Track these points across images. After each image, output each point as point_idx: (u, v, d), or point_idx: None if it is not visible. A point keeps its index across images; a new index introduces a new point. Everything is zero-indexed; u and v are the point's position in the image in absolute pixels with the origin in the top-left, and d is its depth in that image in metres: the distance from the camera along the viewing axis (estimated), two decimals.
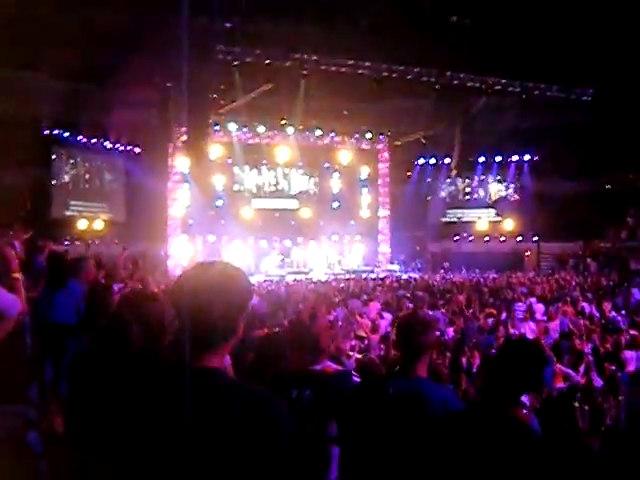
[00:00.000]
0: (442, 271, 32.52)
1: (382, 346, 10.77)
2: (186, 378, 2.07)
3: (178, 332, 2.22)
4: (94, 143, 29.34)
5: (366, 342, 10.81)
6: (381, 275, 29.32)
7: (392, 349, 5.77)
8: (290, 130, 31.88)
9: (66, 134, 28.01)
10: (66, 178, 29.04)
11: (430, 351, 3.93)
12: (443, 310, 15.04)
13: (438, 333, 12.07)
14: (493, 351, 9.50)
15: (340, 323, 11.78)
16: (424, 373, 3.82)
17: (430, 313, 14.13)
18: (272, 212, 34.30)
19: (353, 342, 10.37)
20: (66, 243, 25.49)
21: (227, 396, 2.10)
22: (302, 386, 3.88)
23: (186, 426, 2.02)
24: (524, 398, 7.10)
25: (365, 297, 17.14)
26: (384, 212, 35.76)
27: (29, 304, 6.37)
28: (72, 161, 29.30)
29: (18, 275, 4.60)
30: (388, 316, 13.99)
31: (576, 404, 6.47)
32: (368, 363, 6.51)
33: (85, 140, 28.93)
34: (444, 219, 37.28)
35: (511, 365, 3.19)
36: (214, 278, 2.20)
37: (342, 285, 22.72)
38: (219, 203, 32.60)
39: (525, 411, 3.74)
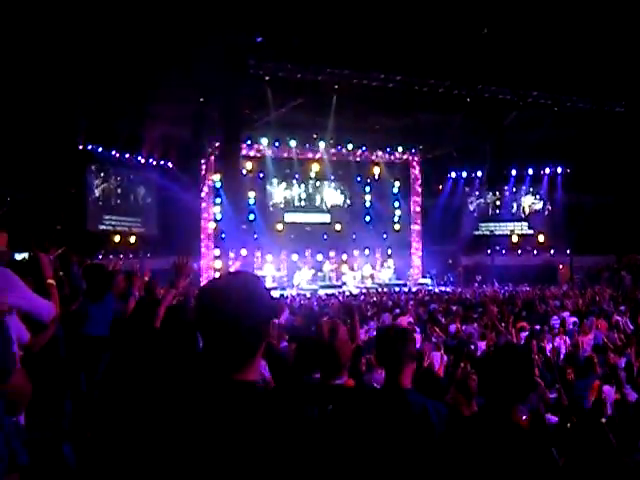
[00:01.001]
0: (474, 285, 32.36)
1: None
2: (224, 392, 2.12)
3: (207, 347, 2.22)
4: (128, 158, 29.59)
5: None
6: (413, 289, 29.22)
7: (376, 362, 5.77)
8: (322, 144, 32.00)
9: (100, 149, 28.26)
10: (100, 193, 29.27)
11: (413, 361, 3.92)
12: (475, 325, 14.98)
13: (472, 347, 12.04)
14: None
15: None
16: (409, 384, 3.82)
17: (464, 328, 14.15)
18: (304, 226, 34.36)
19: None
20: (100, 257, 25.66)
21: (263, 411, 2.10)
22: (324, 402, 3.89)
23: (224, 440, 2.04)
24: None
25: (397, 311, 17.10)
26: (416, 226, 35.73)
27: (67, 315, 6.45)
28: (106, 176, 29.54)
29: (52, 281, 4.66)
30: (418, 330, 13.95)
31: (603, 420, 6.43)
32: None
33: (119, 155, 29.17)
34: (476, 232, 37.15)
35: (500, 371, 3.20)
36: (237, 288, 2.19)
37: (374, 299, 22.68)
38: (251, 217, 32.70)
39: (525, 417, 3.74)
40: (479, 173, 36.04)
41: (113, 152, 28.85)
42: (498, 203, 37.33)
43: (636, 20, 23.20)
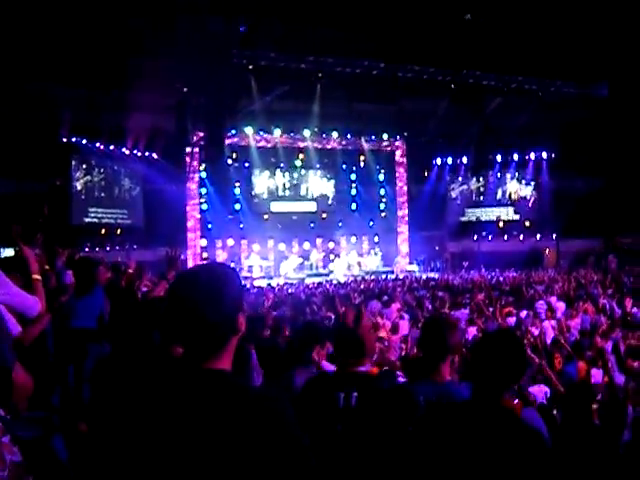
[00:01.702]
0: (462, 270, 32.44)
1: (402, 346, 10.77)
2: (196, 381, 2.14)
3: (178, 336, 2.23)
4: (112, 149, 29.42)
5: (386, 343, 10.79)
6: (400, 276, 29.24)
7: (417, 349, 5.77)
8: (307, 132, 31.94)
9: (84, 141, 28.10)
10: (85, 185, 29.12)
11: (455, 352, 3.93)
12: (463, 310, 15.00)
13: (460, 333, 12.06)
14: None
15: None
16: (448, 375, 3.83)
17: (452, 313, 14.15)
18: (290, 215, 34.33)
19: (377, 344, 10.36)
20: (86, 250, 25.57)
21: (232, 398, 2.11)
22: (349, 388, 3.90)
23: (193, 429, 2.06)
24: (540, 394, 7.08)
25: (385, 298, 17.10)
26: (402, 213, 35.72)
27: (56, 309, 6.42)
28: (90, 168, 29.38)
29: (38, 276, 4.64)
30: (407, 316, 13.97)
31: (594, 406, 6.44)
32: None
33: (103, 147, 29.01)
34: (463, 218, 37.20)
35: (491, 356, 3.19)
36: (204, 279, 2.21)
37: (362, 286, 22.69)
38: (237, 207, 32.66)
39: (516, 401, 3.73)
40: (464, 159, 36.06)
41: (97, 144, 28.69)
42: (484, 189, 37.37)
43: (619, 3, 23.26)
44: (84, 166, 29.04)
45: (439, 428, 3.24)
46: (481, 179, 37.30)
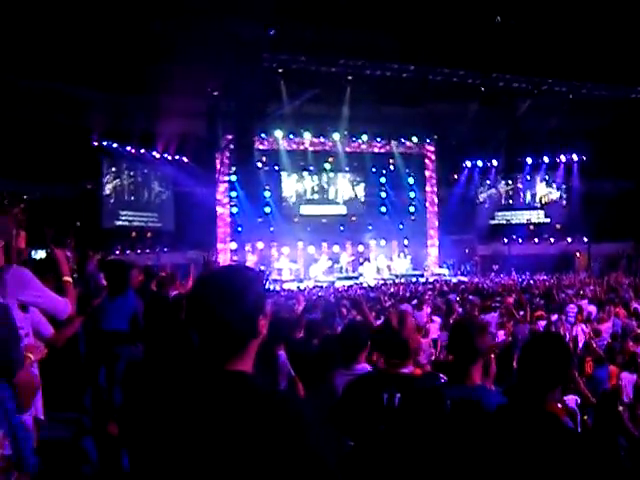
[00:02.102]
0: (492, 274, 32.29)
1: (432, 350, 10.76)
2: (215, 382, 2.16)
3: (199, 339, 2.25)
4: (142, 153, 29.58)
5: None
6: (430, 279, 29.18)
7: (447, 353, 5.77)
8: (336, 136, 31.98)
9: (115, 145, 28.28)
10: (115, 188, 29.30)
11: (485, 356, 3.92)
12: (493, 314, 14.94)
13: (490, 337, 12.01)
14: None
15: None
16: (479, 378, 3.82)
17: (482, 317, 14.10)
18: (320, 218, 34.35)
19: None
20: (117, 253, 25.74)
21: (251, 400, 2.11)
22: (393, 389, 3.91)
23: (211, 430, 2.07)
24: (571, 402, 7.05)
25: (415, 301, 17.08)
26: (432, 216, 35.65)
27: (89, 311, 6.49)
28: (121, 171, 29.57)
29: (69, 278, 4.68)
30: (438, 320, 13.95)
31: (621, 407, 6.41)
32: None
33: (134, 150, 29.17)
34: (493, 221, 37.03)
35: (538, 359, 3.18)
36: (225, 281, 2.23)
37: (392, 290, 22.66)
38: (267, 210, 32.73)
39: (560, 405, 3.71)
40: (494, 162, 35.89)
41: (128, 147, 28.86)
42: (514, 192, 37.20)
43: None
44: (114, 169, 29.21)
45: (481, 432, 3.25)
46: (511, 182, 37.13)
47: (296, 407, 2.18)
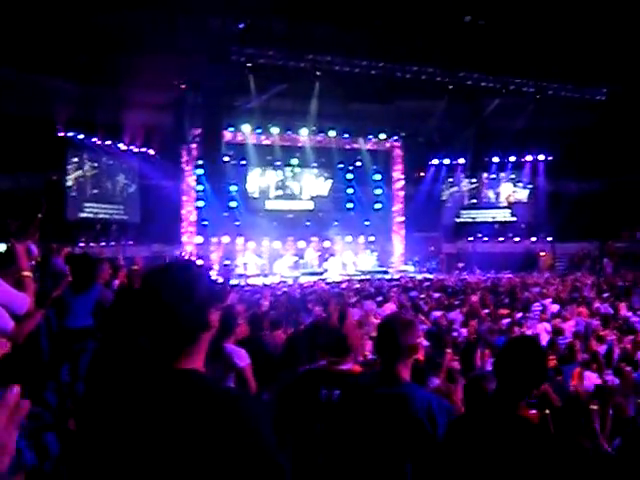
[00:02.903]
0: (457, 272, 32.45)
1: None
2: (164, 381, 2.14)
3: (150, 334, 2.22)
4: (109, 145, 29.33)
5: None
6: (395, 276, 29.24)
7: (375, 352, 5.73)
8: (304, 131, 31.94)
9: (81, 136, 27.99)
10: (78, 180, 29.00)
11: (413, 354, 3.85)
12: (458, 311, 15.01)
13: (454, 335, 12.06)
14: None
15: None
16: (407, 376, 3.77)
17: (447, 314, 14.17)
18: (286, 213, 34.34)
19: (369, 343, 10.35)
20: (81, 245, 25.51)
21: (200, 399, 2.10)
22: (331, 386, 3.89)
23: (160, 430, 2.05)
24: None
25: (380, 298, 17.11)
26: (398, 213, 35.70)
27: (49, 306, 6.39)
28: (87, 163, 29.26)
29: (28, 273, 4.60)
30: None
31: (594, 407, 6.44)
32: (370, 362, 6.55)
33: (100, 142, 28.91)
34: (458, 219, 37.21)
35: (513, 364, 3.17)
36: (174, 274, 2.22)
37: (357, 286, 22.68)
38: (233, 204, 32.63)
39: (534, 411, 3.71)
40: (461, 160, 36.04)
41: (93, 139, 28.60)
42: (480, 190, 37.39)
43: (617, 6, 23.27)
44: (78, 160, 28.90)
45: (452, 435, 3.24)
46: (478, 180, 37.31)
47: (247, 406, 2.16)
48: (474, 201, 37.39)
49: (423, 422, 3.50)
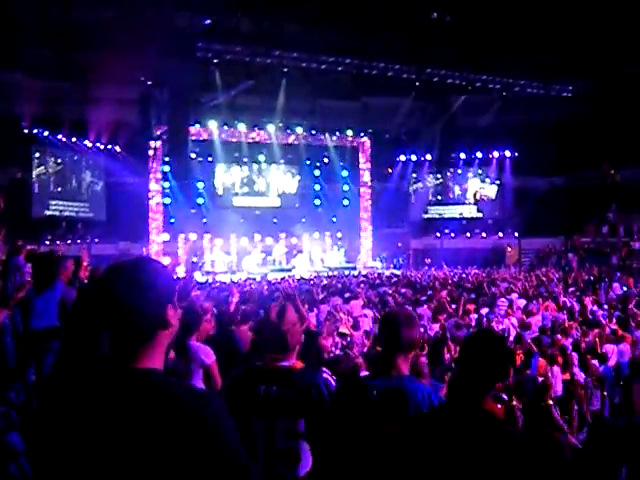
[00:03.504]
0: (424, 267, 32.58)
1: (365, 342, 10.79)
2: (120, 382, 2.10)
3: (108, 332, 2.19)
4: (74, 142, 29.09)
5: (349, 339, 10.80)
6: (363, 272, 29.28)
7: (376, 345, 5.76)
8: (271, 128, 31.86)
9: (45, 133, 27.74)
10: (46, 177, 28.73)
11: (414, 348, 3.90)
12: (426, 306, 15.05)
13: (422, 330, 12.10)
14: None
15: (323, 320, 11.77)
16: (406, 370, 3.80)
17: (417, 310, 14.19)
18: (253, 210, 34.28)
19: (336, 339, 10.36)
20: (47, 243, 25.30)
21: (163, 399, 2.06)
22: (270, 382, 3.89)
23: (117, 434, 2.01)
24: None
25: (348, 294, 17.11)
26: (365, 209, 35.75)
27: (15, 306, 6.32)
28: (52, 160, 28.99)
29: None
30: (370, 313, 13.99)
31: (550, 402, 6.50)
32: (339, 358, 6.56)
33: (65, 139, 28.67)
34: (426, 215, 37.37)
35: (477, 357, 3.16)
36: (130, 270, 2.19)
37: (325, 282, 22.68)
38: (200, 201, 32.53)
39: (500, 406, 3.71)
40: (428, 156, 36.17)
41: (59, 136, 28.35)
42: (447, 186, 37.54)
43: (583, 3, 23.45)
44: (45, 158, 28.64)
45: (417, 429, 3.24)
46: (444, 176, 37.46)
47: (209, 406, 2.12)
48: (441, 197, 37.55)
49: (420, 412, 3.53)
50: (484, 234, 35.77)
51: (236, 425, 2.20)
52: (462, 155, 36.25)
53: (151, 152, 29.97)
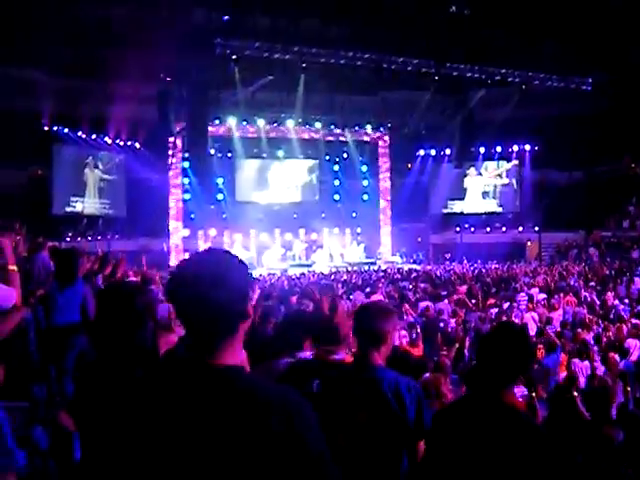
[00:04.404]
0: (444, 262, 32.49)
1: None
2: (202, 378, 2.01)
3: (185, 327, 2.11)
4: (94, 139, 29.23)
5: None
6: (383, 267, 29.24)
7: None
8: (290, 123, 31.85)
9: (66, 130, 27.88)
10: (67, 174, 28.85)
11: (386, 340, 3.84)
12: (446, 301, 15.03)
13: (442, 325, 12.08)
14: None
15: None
16: (381, 361, 3.76)
17: (435, 305, 14.16)
18: (273, 205, 34.29)
19: None
20: (68, 240, 25.43)
21: (249, 397, 1.98)
22: (325, 375, 3.87)
23: (197, 437, 1.94)
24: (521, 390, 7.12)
25: (368, 289, 17.11)
26: (385, 204, 35.72)
27: (38, 302, 6.35)
28: (72, 157, 29.13)
29: (14, 267, 4.54)
30: None
31: (575, 393, 6.47)
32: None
33: (85, 136, 28.80)
34: (445, 210, 37.21)
35: (498, 349, 3.14)
36: (211, 265, 2.09)
37: (345, 277, 22.68)
38: (220, 197, 32.58)
39: (520, 398, 3.70)
40: (447, 151, 36.03)
41: (79, 133, 28.48)
42: (466, 181, 37.37)
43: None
44: (66, 155, 28.75)
45: (438, 422, 3.24)
46: (464, 171, 37.28)
47: (299, 409, 2.04)
48: (460, 192, 37.37)
49: (389, 401, 3.54)
50: (504, 228, 35.61)
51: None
52: (481, 149, 36.07)
53: (170, 148, 30.04)
